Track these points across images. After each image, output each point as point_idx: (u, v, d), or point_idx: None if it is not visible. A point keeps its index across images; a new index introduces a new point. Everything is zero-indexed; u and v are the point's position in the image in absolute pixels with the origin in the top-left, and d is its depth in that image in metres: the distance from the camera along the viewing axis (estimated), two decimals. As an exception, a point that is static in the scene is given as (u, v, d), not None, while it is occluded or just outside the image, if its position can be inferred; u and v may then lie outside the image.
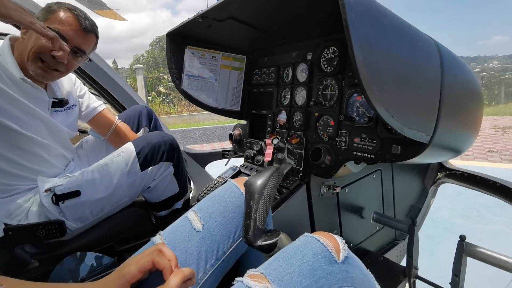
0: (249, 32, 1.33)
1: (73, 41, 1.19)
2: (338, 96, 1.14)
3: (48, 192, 1.16)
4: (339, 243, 0.70)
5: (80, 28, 1.19)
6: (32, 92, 1.19)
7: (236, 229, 0.86)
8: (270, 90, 1.51)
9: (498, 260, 1.04)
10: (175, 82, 1.52)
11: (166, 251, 0.68)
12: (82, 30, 1.20)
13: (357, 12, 0.64)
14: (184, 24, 1.29)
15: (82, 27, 1.20)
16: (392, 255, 1.56)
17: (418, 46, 0.82)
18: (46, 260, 1.18)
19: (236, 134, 1.70)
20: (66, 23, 1.16)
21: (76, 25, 1.18)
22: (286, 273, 0.63)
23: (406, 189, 1.57)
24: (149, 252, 0.68)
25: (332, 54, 1.16)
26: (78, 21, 1.19)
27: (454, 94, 0.90)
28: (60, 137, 1.32)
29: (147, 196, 1.44)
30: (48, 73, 1.19)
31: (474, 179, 1.33)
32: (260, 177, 0.84)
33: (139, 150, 1.29)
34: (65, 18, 1.16)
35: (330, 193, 1.25)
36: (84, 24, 1.21)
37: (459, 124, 0.97)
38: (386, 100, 0.71)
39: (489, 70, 19.74)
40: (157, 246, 0.70)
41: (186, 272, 0.64)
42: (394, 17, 0.77)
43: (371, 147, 1.01)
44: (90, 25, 1.23)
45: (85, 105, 1.53)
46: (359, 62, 0.64)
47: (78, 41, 1.21)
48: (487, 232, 2.75)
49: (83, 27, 1.20)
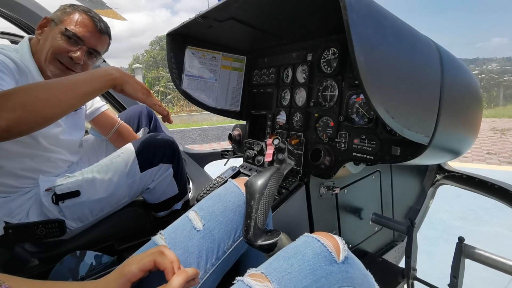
0: (250, 33, 1.34)
1: (88, 42, 1.22)
2: (338, 97, 1.14)
3: (49, 192, 1.17)
4: (339, 244, 0.70)
5: (95, 29, 1.23)
6: None
7: (237, 228, 0.86)
8: (270, 91, 1.51)
9: (496, 261, 1.05)
10: (175, 82, 1.52)
11: (168, 253, 0.69)
12: (98, 31, 1.24)
13: (358, 13, 0.64)
14: (185, 24, 1.29)
15: (98, 28, 1.24)
16: (390, 256, 1.57)
17: (418, 47, 0.83)
18: (46, 258, 1.18)
19: (235, 135, 1.71)
20: (81, 25, 1.20)
21: (91, 27, 1.22)
22: (287, 273, 0.64)
23: (404, 190, 1.58)
24: (151, 252, 0.69)
25: (332, 55, 1.16)
26: (94, 22, 1.23)
27: (454, 95, 0.91)
28: (69, 143, 1.34)
29: (146, 197, 1.44)
30: (66, 73, 1.21)
31: (473, 181, 1.34)
32: (261, 177, 0.85)
33: (139, 152, 1.29)
34: (81, 20, 1.20)
35: (329, 193, 1.25)
36: (99, 26, 1.24)
37: (458, 125, 0.98)
38: (387, 101, 0.71)
39: (488, 72, 19.77)
40: (159, 248, 0.70)
41: (190, 273, 0.64)
42: (394, 18, 0.78)
43: (371, 148, 1.01)
44: (104, 26, 1.27)
45: (89, 104, 1.54)
46: (360, 63, 0.65)
47: (94, 42, 1.24)
48: (486, 234, 2.76)
49: (98, 29, 1.24)
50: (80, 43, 1.20)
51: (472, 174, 1.35)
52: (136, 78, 1.10)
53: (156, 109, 1.12)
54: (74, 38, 1.18)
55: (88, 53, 1.24)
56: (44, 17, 1.22)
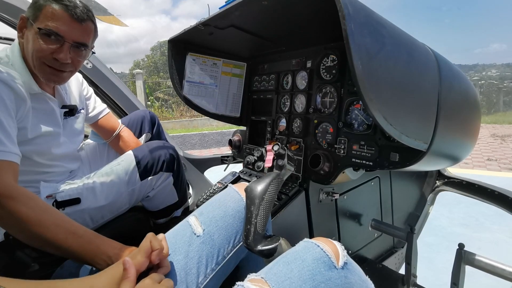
0: (250, 40, 1.35)
1: (69, 36, 1.07)
2: (337, 104, 1.15)
3: (49, 199, 1.16)
4: (338, 249, 0.70)
5: (72, 19, 1.06)
6: (47, 105, 1.16)
7: (236, 233, 0.87)
8: (270, 97, 1.52)
9: (496, 268, 1.05)
10: (176, 88, 1.53)
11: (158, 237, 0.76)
12: (76, 21, 1.07)
13: (356, 22, 0.66)
14: (186, 31, 1.30)
15: (75, 17, 1.06)
16: (390, 263, 1.56)
17: (415, 55, 0.84)
18: (47, 263, 1.18)
19: (235, 140, 1.71)
20: (56, 18, 1.03)
21: (67, 18, 1.05)
22: (286, 278, 0.64)
23: (404, 196, 1.58)
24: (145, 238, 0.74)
25: (331, 62, 1.18)
26: (68, 11, 1.05)
27: (452, 102, 0.92)
28: (68, 153, 1.31)
29: (146, 204, 1.44)
30: (58, 75, 1.12)
31: (473, 187, 1.34)
32: (261, 183, 0.85)
33: (139, 160, 1.29)
34: (54, 13, 1.03)
35: (329, 199, 1.25)
36: (76, 14, 1.06)
37: (457, 132, 0.99)
38: (385, 109, 0.72)
39: (487, 78, 19.81)
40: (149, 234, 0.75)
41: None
42: (392, 27, 0.79)
43: (370, 154, 1.02)
44: (81, 12, 1.08)
45: (91, 108, 1.50)
46: (358, 71, 0.66)
47: (75, 35, 1.08)
48: (486, 240, 2.75)
49: (76, 17, 1.06)
50: (60, 39, 1.05)
51: (471, 181, 1.36)
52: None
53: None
54: (52, 36, 1.04)
55: (74, 48, 1.10)
56: (20, 17, 1.08)
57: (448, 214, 3.25)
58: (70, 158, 1.34)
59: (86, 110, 1.47)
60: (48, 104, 1.17)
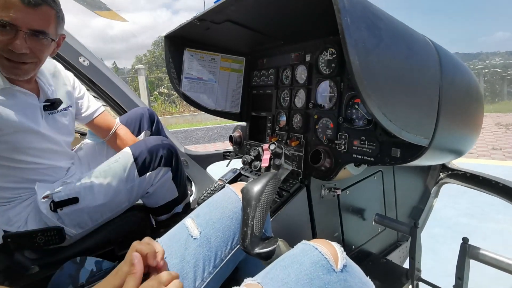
0: (248, 34, 1.33)
1: (22, 24, 0.99)
2: (337, 98, 1.13)
3: (46, 199, 1.16)
4: (337, 251, 0.69)
5: (23, 4, 0.98)
6: (17, 99, 1.12)
7: (234, 235, 0.85)
8: (269, 92, 1.50)
9: (501, 262, 1.03)
10: (174, 84, 1.51)
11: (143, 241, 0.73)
12: (27, 6, 0.99)
13: (352, 16, 0.63)
14: (182, 27, 1.28)
15: (25, 3, 0.98)
16: (394, 257, 1.55)
17: (415, 48, 0.81)
18: (46, 265, 1.18)
19: (236, 136, 1.69)
20: (8, 6, 0.97)
21: (18, 4, 0.98)
22: (283, 283, 0.63)
23: (408, 190, 1.56)
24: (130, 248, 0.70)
25: (330, 55, 1.15)
26: None
27: (454, 96, 0.89)
28: (56, 146, 1.28)
29: (146, 201, 1.43)
30: (19, 68, 1.06)
31: (477, 179, 1.32)
32: (257, 183, 0.84)
33: (136, 156, 1.28)
34: (5, 1, 0.97)
35: (331, 195, 1.24)
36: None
37: (459, 126, 0.96)
38: (383, 104, 0.70)
39: (491, 66, 19.52)
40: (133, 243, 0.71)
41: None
42: (391, 19, 0.76)
43: (371, 150, 1.00)
44: None
45: (85, 107, 1.47)
46: (355, 66, 0.63)
47: (28, 21, 1.00)
48: (492, 231, 2.73)
49: (26, 2, 0.99)
50: (13, 28, 0.98)
51: (475, 172, 1.34)
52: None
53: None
54: (6, 26, 0.97)
55: (30, 36, 1.02)
56: None
57: (453, 205, 3.22)
58: (60, 154, 1.31)
59: (78, 109, 1.45)
60: (20, 98, 1.13)
